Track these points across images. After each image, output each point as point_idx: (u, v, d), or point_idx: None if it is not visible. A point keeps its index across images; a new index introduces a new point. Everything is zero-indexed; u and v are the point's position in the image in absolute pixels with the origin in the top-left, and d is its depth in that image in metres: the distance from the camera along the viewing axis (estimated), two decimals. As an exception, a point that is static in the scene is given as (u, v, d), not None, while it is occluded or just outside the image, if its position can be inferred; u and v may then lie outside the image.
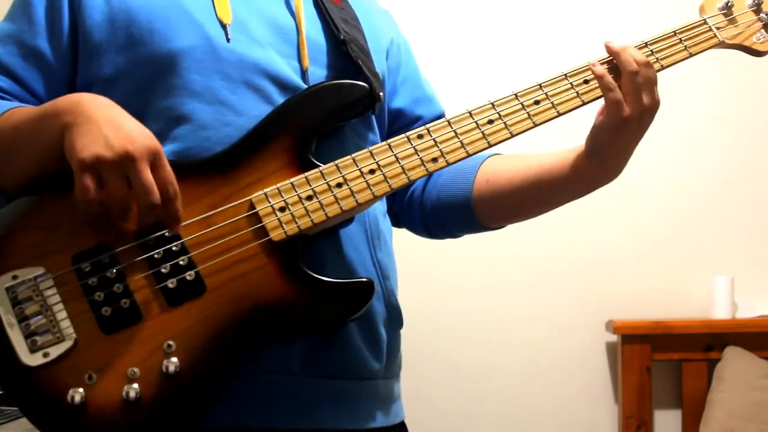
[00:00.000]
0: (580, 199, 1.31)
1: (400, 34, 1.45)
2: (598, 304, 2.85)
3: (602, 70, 1.19)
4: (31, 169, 1.10)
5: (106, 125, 1.02)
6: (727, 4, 1.29)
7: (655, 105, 1.19)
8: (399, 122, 1.38)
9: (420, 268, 2.77)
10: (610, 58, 1.21)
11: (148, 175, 1.01)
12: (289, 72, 1.19)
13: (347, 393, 1.18)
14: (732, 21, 1.29)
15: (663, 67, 1.23)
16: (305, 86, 1.19)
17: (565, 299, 2.87)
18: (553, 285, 2.87)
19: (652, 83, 1.19)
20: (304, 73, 1.21)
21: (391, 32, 1.41)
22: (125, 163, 1.00)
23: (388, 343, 1.23)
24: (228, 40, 1.17)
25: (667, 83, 1.30)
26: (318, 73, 1.22)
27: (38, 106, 1.13)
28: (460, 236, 1.41)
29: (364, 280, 1.12)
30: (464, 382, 2.84)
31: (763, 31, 1.30)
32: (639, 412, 2.74)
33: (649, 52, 1.22)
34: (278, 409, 1.13)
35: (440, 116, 1.42)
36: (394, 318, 1.24)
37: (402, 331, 1.28)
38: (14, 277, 1.05)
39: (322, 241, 1.14)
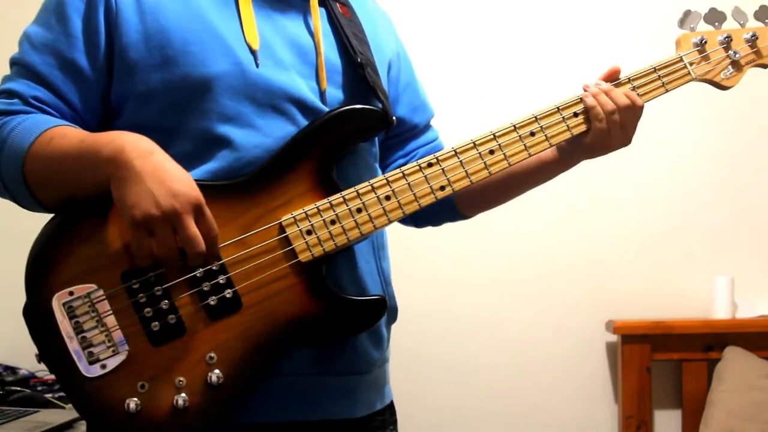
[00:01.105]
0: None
1: (398, 38, 1.59)
2: (598, 304, 2.94)
3: (593, 101, 1.40)
4: (76, 196, 1.24)
5: (151, 181, 1.16)
6: (701, 40, 1.47)
7: (624, 143, 1.44)
8: (397, 129, 1.54)
9: (425, 268, 2.89)
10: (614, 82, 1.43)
11: (193, 228, 1.18)
12: (310, 94, 1.34)
13: (351, 387, 1.37)
14: (705, 58, 1.47)
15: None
16: (324, 107, 1.34)
17: (565, 299, 2.96)
18: (554, 285, 2.96)
19: (627, 129, 1.42)
20: (322, 94, 1.35)
21: (392, 42, 1.55)
22: (172, 219, 1.17)
23: (386, 337, 1.44)
24: (257, 65, 1.31)
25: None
26: (335, 94, 1.37)
27: (78, 136, 1.24)
28: (440, 225, 1.65)
29: (378, 297, 1.32)
30: (464, 380, 2.94)
31: (730, 67, 1.48)
32: (639, 412, 2.84)
33: (632, 88, 1.43)
34: (292, 405, 1.31)
35: (430, 119, 1.63)
36: (392, 315, 1.46)
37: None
38: (71, 293, 1.19)
39: (339, 255, 1.32)
